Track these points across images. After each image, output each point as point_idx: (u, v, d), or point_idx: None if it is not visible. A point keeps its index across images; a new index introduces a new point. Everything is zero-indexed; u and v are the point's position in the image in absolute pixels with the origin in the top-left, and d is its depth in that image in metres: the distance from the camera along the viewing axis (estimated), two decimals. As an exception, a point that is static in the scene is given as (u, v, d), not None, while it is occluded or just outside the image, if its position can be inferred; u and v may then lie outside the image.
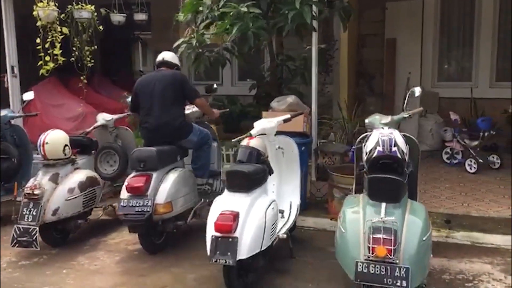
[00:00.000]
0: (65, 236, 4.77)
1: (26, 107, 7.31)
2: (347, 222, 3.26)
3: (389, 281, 2.94)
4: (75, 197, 4.57)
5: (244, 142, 4.01)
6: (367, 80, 9.33)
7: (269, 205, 3.70)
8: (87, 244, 4.78)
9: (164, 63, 5.10)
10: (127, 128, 5.70)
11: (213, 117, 5.37)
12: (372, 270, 2.97)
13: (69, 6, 6.54)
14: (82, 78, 6.97)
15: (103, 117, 5.53)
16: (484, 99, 8.42)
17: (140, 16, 8.51)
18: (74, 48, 6.70)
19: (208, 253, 3.45)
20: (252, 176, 3.65)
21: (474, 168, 6.97)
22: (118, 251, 4.61)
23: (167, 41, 10.11)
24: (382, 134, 3.32)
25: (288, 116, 4.52)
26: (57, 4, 6.34)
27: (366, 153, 3.35)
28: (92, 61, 6.98)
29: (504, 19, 8.39)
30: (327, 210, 5.51)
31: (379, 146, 3.26)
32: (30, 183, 4.51)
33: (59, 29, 6.36)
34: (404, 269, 2.94)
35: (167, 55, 5.17)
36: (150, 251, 4.48)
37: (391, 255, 2.93)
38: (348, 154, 5.93)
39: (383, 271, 2.96)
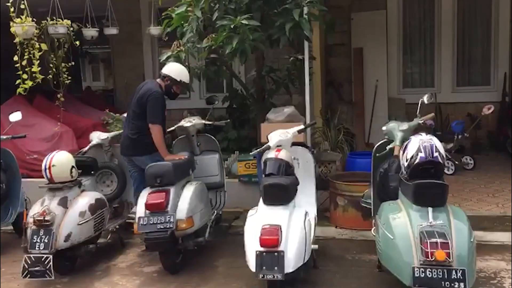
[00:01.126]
0: (73, 262, 4.52)
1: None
2: (394, 228, 3.33)
3: (447, 284, 3.02)
4: (87, 221, 4.35)
5: (271, 155, 3.99)
6: (336, 89, 9.53)
7: (305, 216, 3.70)
8: (98, 270, 4.56)
9: (159, 74, 5.04)
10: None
11: (161, 154, 4.77)
12: (430, 274, 3.05)
13: (43, 22, 6.28)
14: (59, 96, 6.71)
15: (98, 136, 5.31)
16: (447, 103, 8.84)
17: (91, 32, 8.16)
18: (51, 65, 6.43)
19: (254, 269, 3.41)
20: (289, 188, 3.64)
21: (452, 170, 7.28)
22: (134, 274, 4.44)
23: (128, 56, 10.09)
24: (422, 141, 3.42)
25: (302, 126, 4.56)
26: (35, 19, 6.06)
27: (407, 160, 3.43)
28: (69, 77, 6.74)
29: (462, 29, 8.90)
30: (329, 219, 5.57)
31: (421, 152, 3.35)
32: (37, 209, 4.25)
33: (37, 46, 6.08)
34: (461, 271, 3.03)
35: (165, 66, 5.07)
36: (171, 270, 4.34)
37: (449, 258, 3.01)
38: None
39: (440, 275, 3.04)
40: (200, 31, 5.86)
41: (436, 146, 3.38)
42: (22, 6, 5.90)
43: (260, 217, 3.59)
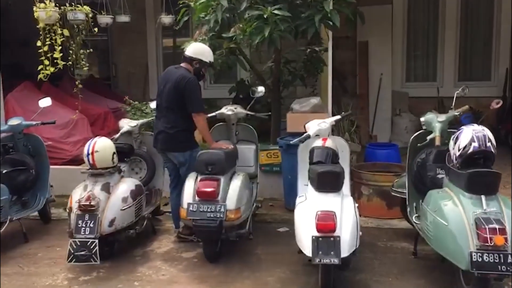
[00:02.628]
0: (112, 248, 4.54)
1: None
2: (447, 215, 3.47)
3: (504, 268, 3.17)
4: (129, 207, 4.38)
5: (318, 143, 4.08)
6: (340, 81, 9.66)
7: (354, 202, 3.81)
8: (137, 255, 4.59)
9: (184, 58, 4.81)
10: (152, 133, 5.48)
11: (208, 142, 4.85)
12: (487, 259, 3.19)
13: (62, 7, 6.21)
14: (77, 83, 6.65)
15: (127, 123, 5.30)
16: (449, 97, 9.03)
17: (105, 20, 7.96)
18: (70, 52, 6.38)
19: (310, 254, 3.49)
20: (342, 176, 3.75)
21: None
22: (174, 259, 4.48)
23: (129, 44, 10.00)
24: (475, 131, 3.56)
25: (339, 117, 4.68)
26: (57, 4, 6.00)
27: (459, 149, 3.56)
28: (87, 65, 6.69)
29: (465, 24, 9.12)
30: (352, 207, 5.69)
31: (474, 142, 3.50)
32: (79, 194, 4.26)
33: (60, 31, 6.02)
34: (516, 255, 3.18)
35: (189, 48, 4.85)
36: (211, 259, 4.38)
37: (507, 243, 3.16)
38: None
39: (496, 259, 3.19)
40: (224, 21, 5.89)
41: (488, 136, 3.52)
42: (47, -9, 5.82)
43: (312, 204, 3.68)
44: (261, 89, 5.34)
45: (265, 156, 6.20)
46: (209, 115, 4.98)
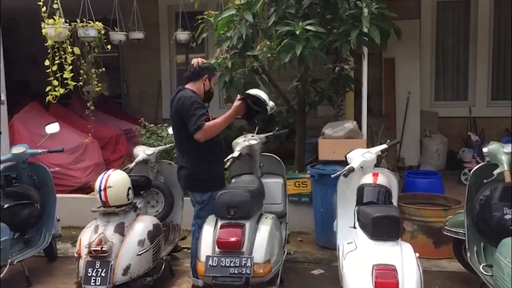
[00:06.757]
0: (126, 298, 3.96)
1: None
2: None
3: None
4: (146, 250, 3.81)
5: (368, 180, 3.51)
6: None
7: (415, 253, 3.22)
8: (153, 306, 4.02)
9: (187, 76, 4.12)
10: (171, 162, 4.94)
11: (236, 114, 3.98)
12: None
13: (73, 24, 5.73)
14: (89, 104, 6.15)
15: (143, 151, 4.76)
16: (482, 117, 8.50)
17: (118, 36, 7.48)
18: (81, 71, 5.90)
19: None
20: (400, 221, 3.17)
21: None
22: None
23: (142, 61, 9.52)
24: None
25: (385, 146, 4.10)
26: (67, 21, 5.51)
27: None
28: (99, 85, 6.20)
29: (498, 40, 8.55)
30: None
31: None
32: (89, 236, 3.71)
33: (70, 49, 5.53)
34: None
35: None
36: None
37: None
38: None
39: None
40: (248, 37, 5.39)
41: None
42: (55, 6, 5.34)
43: (367, 255, 3.10)
44: (271, 104, 4.72)
45: (292, 186, 5.63)
46: (233, 155, 4.11)
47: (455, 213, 4.24)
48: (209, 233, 3.65)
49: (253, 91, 4.04)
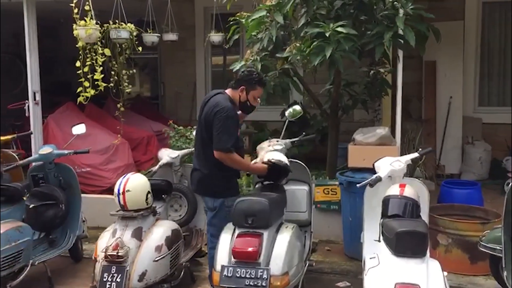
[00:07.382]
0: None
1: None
2: None
3: None
4: (163, 257, 3.73)
5: (395, 191, 3.30)
6: (404, 104, 8.79)
7: (442, 270, 3.00)
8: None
9: (235, 81, 3.95)
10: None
11: (259, 173, 4.03)
12: None
13: (105, 25, 5.74)
14: (119, 105, 6.16)
15: (168, 154, 4.70)
16: (528, 125, 8.03)
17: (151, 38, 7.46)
18: (112, 72, 5.90)
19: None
20: (427, 237, 2.95)
21: None
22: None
23: (178, 62, 9.53)
24: None
25: (416, 154, 3.88)
26: (99, 22, 5.52)
27: None
28: (130, 86, 6.20)
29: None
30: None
31: None
32: (106, 240, 3.66)
33: (101, 51, 5.53)
34: None
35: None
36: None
37: None
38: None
39: None
40: (278, 39, 5.26)
41: None
42: (87, 8, 5.36)
43: (389, 272, 2.90)
44: (298, 108, 4.53)
45: (321, 192, 5.45)
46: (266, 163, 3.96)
47: (493, 228, 3.96)
48: (226, 241, 3.51)
49: (276, 157, 4.00)
